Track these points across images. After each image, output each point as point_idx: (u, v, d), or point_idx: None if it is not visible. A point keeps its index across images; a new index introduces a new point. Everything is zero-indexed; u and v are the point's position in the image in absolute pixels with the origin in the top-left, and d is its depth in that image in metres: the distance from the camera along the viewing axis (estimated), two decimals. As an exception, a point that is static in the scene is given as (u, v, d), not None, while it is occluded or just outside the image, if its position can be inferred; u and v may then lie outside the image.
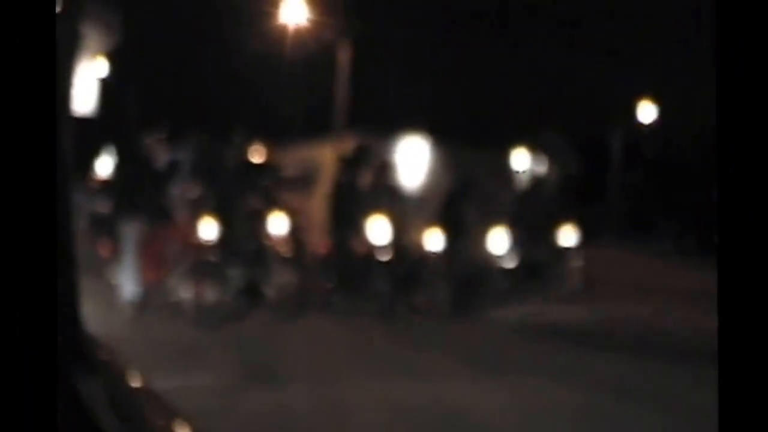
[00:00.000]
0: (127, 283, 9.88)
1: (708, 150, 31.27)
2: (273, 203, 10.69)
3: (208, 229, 9.99)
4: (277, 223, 10.44)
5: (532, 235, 12.26)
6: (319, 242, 11.50)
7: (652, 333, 10.21)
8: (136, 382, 2.24)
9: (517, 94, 26.22)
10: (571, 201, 13.87)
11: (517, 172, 13.80)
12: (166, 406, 2.21)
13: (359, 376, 7.50)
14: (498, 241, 12.00)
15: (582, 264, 12.49)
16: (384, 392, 6.87)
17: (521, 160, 13.92)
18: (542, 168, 14.81)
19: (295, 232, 10.75)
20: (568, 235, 12.58)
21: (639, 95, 28.84)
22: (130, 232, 9.89)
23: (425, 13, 24.23)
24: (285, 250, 10.36)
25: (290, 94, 21.67)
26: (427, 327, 10.40)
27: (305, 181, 11.73)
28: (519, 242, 12.07)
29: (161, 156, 10.73)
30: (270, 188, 10.91)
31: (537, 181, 13.97)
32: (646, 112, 29.24)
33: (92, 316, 2.14)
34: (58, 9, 1.85)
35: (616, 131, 29.69)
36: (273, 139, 11.63)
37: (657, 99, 28.76)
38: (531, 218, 12.48)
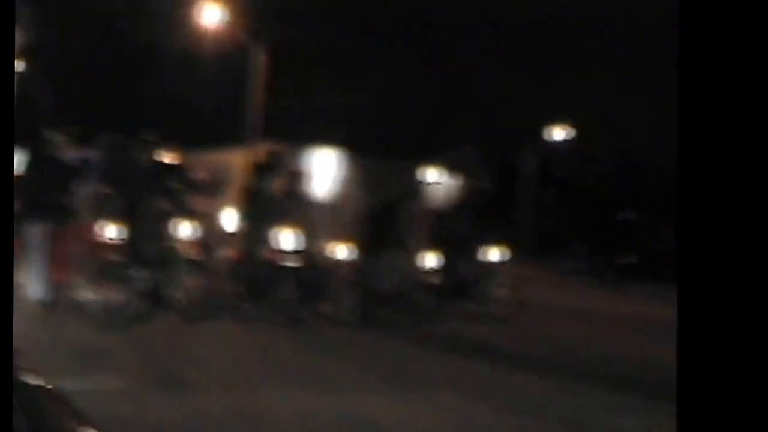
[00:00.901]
0: (34, 283, 9.68)
1: (619, 172, 32.04)
2: (181, 206, 10.59)
3: (115, 229, 9.84)
4: (185, 226, 10.33)
5: (449, 252, 12.30)
6: (228, 247, 11.46)
7: (568, 354, 10.35)
8: (42, 384, 2.21)
9: (434, 110, 26.52)
10: (485, 218, 13.98)
11: (431, 186, 13.86)
12: (72, 408, 2.18)
13: (264, 384, 7.48)
14: (419, 257, 12.01)
15: (499, 282, 12.57)
16: (289, 400, 6.89)
17: (436, 176, 14.02)
18: (457, 184, 14.94)
19: (204, 235, 10.67)
20: (485, 253, 12.64)
21: (553, 117, 29.37)
22: (37, 230, 9.69)
23: (346, 24, 24.32)
24: (192, 254, 10.25)
25: (205, 97, 21.49)
26: (334, 337, 10.41)
27: (216, 185, 11.63)
28: (437, 259, 12.10)
29: (71, 155, 10.57)
30: (179, 191, 10.79)
31: (451, 197, 14.08)
32: (560, 133, 29.78)
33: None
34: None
35: (531, 151, 30.21)
36: (185, 142, 11.52)
37: (571, 121, 29.32)
38: (446, 234, 12.54)
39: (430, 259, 11.91)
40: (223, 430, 5.97)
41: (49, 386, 2.18)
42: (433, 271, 11.89)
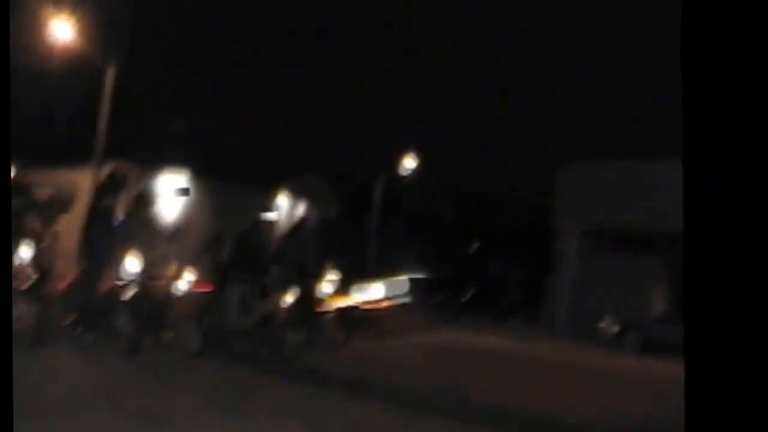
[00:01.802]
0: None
1: (464, 204, 32.72)
2: (21, 227, 10.06)
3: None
4: (23, 248, 9.81)
5: (291, 275, 12.16)
6: (63, 273, 10.91)
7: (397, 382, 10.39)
8: None
9: (283, 137, 26.42)
10: (331, 244, 13.94)
11: (278, 212, 13.72)
12: None
13: (101, 413, 7.20)
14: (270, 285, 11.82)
15: (340, 311, 12.55)
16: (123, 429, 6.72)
17: (282, 201, 13.91)
18: (302, 210, 14.89)
19: (39, 258, 10.15)
20: (327, 280, 12.56)
21: (403, 148, 29.68)
22: None
23: (196, 47, 24.00)
24: (24, 278, 9.72)
25: (51, 115, 20.68)
26: (173, 367, 10.10)
27: (58, 206, 11.11)
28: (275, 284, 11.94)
29: None
30: (19, 209, 10.26)
31: (297, 223, 14.00)
32: (408, 164, 30.10)
33: None
34: None
35: (379, 181, 30.35)
36: (26, 160, 10.98)
37: (419, 152, 29.67)
38: (291, 259, 12.44)
39: (289, 292, 11.74)
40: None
41: None
42: (285, 303, 11.71)
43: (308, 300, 12.24)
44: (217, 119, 22.36)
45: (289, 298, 11.73)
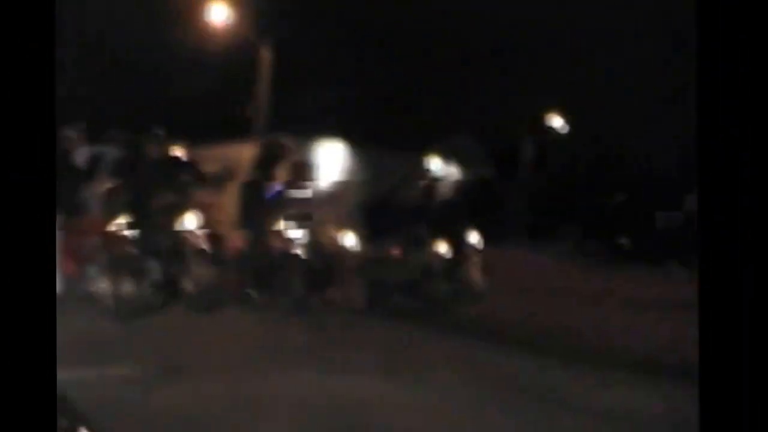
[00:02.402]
0: (45, 274, 9.70)
1: (609, 159, 32.16)
2: (190, 198, 10.69)
3: (126, 222, 9.92)
4: (194, 218, 10.43)
5: (441, 237, 12.32)
6: (235, 237, 11.52)
7: (554, 331, 10.36)
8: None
9: (431, 101, 26.54)
10: (480, 203, 14.00)
11: (430, 174, 13.85)
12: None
13: (273, 371, 7.46)
14: (427, 245, 12.04)
15: (484, 264, 12.61)
16: (295, 386, 6.93)
17: (435, 164, 14.05)
18: (454, 171, 14.99)
19: (212, 227, 10.76)
20: (473, 236, 12.67)
21: (548, 106, 29.45)
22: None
23: (344, 22, 24.38)
24: (201, 245, 10.34)
25: (212, 93, 21.55)
26: (341, 323, 10.39)
27: (224, 177, 11.65)
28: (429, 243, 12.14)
29: (80, 150, 10.65)
30: (188, 184, 10.88)
31: (448, 184, 14.11)
32: (553, 122, 29.87)
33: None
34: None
35: (524, 139, 30.28)
36: (193, 137, 11.61)
37: (563, 110, 29.40)
38: (442, 220, 12.57)
39: (440, 248, 11.93)
40: (231, 416, 6.02)
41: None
42: (439, 259, 11.92)
43: (459, 256, 12.38)
44: (366, 89, 22.81)
45: (441, 251, 11.91)
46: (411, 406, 6.62)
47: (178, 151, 10.98)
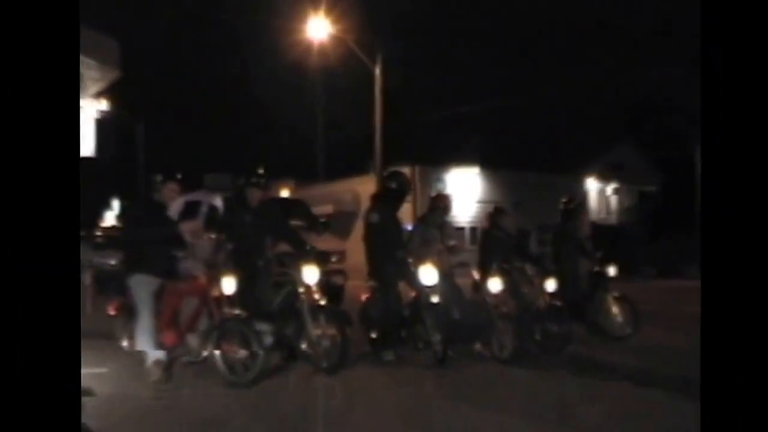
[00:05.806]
0: (146, 347, 8.28)
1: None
2: (302, 245, 9.08)
3: (231, 279, 8.38)
4: (310, 270, 8.75)
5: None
6: (360, 286, 9.83)
7: None
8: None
9: (579, 112, 24.58)
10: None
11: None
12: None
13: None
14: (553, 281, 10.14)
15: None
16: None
17: (598, 184, 12.15)
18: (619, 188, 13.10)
19: (330, 275, 9.10)
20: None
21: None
22: (144, 286, 8.27)
23: (463, 32, 23.21)
24: (319, 298, 8.66)
25: (316, 123, 20.29)
26: (484, 376, 8.95)
27: (342, 219, 10.07)
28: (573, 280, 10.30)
29: (177, 200, 9.24)
30: (300, 229, 9.31)
31: (619, 205, 12.32)
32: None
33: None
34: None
35: (697, 150, 27.56)
36: (300, 174, 10.12)
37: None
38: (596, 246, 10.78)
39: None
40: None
41: None
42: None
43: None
44: (502, 109, 20.83)
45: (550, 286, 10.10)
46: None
47: (283, 192, 9.46)
